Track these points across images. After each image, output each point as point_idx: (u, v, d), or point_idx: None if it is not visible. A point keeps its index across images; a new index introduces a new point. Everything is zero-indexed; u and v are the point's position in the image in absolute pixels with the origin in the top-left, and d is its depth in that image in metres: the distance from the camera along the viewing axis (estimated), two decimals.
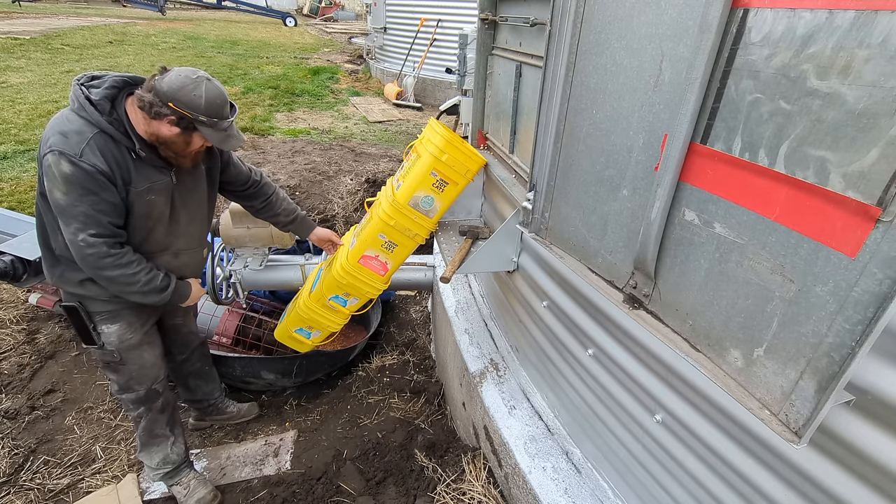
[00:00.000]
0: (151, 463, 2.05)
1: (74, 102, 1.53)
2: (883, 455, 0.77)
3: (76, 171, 1.47)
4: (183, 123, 1.55)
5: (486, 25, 2.15)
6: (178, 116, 1.53)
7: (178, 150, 1.63)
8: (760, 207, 0.83)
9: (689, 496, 1.21)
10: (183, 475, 2.10)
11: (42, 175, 1.52)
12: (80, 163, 1.46)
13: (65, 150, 1.46)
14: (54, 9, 19.09)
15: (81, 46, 11.21)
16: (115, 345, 1.83)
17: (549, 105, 1.38)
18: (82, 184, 1.48)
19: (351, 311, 2.31)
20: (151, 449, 2.03)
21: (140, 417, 1.98)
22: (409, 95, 9.01)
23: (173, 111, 1.51)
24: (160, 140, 1.59)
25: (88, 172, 1.48)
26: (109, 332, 1.82)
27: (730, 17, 0.83)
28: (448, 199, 1.99)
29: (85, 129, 1.50)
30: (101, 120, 1.52)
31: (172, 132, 1.57)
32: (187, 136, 1.60)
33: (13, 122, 5.94)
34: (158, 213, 1.71)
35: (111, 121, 1.54)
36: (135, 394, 1.93)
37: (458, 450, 2.17)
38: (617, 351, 1.37)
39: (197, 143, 1.64)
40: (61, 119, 1.52)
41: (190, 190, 1.81)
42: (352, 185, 4.99)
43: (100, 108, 1.52)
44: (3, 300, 3.15)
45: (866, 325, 0.69)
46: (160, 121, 1.55)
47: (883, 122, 0.64)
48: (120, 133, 1.55)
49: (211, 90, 1.55)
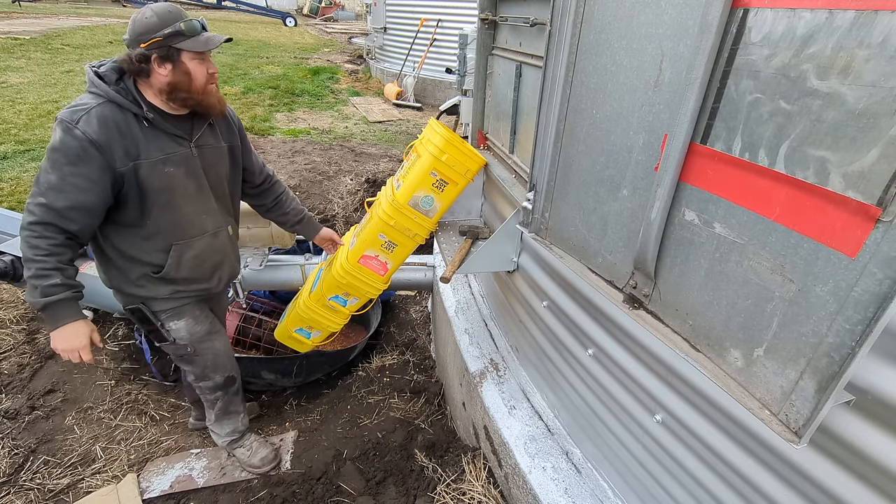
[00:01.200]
0: (221, 432, 2.20)
1: (87, 83, 1.55)
2: (883, 455, 0.77)
3: (65, 138, 1.45)
4: (163, 52, 1.51)
5: (486, 25, 2.15)
6: (154, 50, 1.50)
7: (191, 88, 1.59)
8: (760, 207, 0.83)
9: (689, 496, 1.21)
10: (245, 439, 2.26)
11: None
12: (74, 129, 1.45)
13: (64, 118, 1.46)
14: (54, 9, 19.09)
15: (81, 46, 11.21)
16: (186, 339, 1.88)
17: (549, 105, 1.38)
18: (65, 152, 1.46)
19: (351, 311, 2.31)
20: (223, 422, 2.17)
21: (217, 399, 2.08)
22: (409, 95, 9.01)
23: (148, 48, 1.49)
24: (170, 89, 1.57)
25: (77, 139, 1.46)
26: (178, 327, 1.86)
27: (730, 17, 0.83)
28: (448, 199, 1.99)
29: (91, 100, 1.51)
30: (108, 90, 1.52)
31: (167, 71, 1.54)
32: (180, 65, 1.55)
33: (13, 122, 5.94)
34: (182, 187, 1.68)
35: (118, 89, 1.53)
36: (212, 381, 2.02)
37: (458, 450, 2.17)
38: (617, 351, 1.37)
39: (194, 68, 1.58)
40: (76, 100, 1.54)
41: (212, 165, 1.78)
42: (352, 185, 5.00)
43: (106, 78, 1.54)
44: (3, 300, 3.15)
45: (866, 325, 0.69)
46: (151, 72, 1.53)
47: (883, 122, 0.64)
48: (127, 101, 1.54)
49: (157, 7, 1.52)
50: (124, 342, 2.96)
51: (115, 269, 1.73)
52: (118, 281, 1.75)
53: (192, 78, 1.58)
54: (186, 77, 1.57)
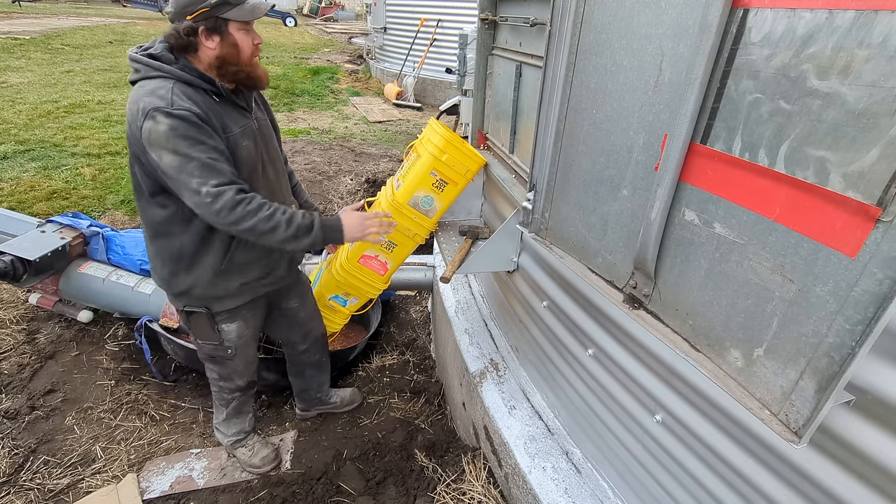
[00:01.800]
0: (228, 432, 2.18)
1: (139, 69, 1.46)
2: (883, 455, 0.77)
3: (175, 121, 1.37)
4: (210, 24, 1.44)
5: (486, 25, 2.15)
6: (201, 22, 1.44)
7: (240, 59, 1.53)
8: (760, 207, 0.83)
9: (689, 496, 1.21)
10: (248, 439, 2.24)
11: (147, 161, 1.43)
12: (175, 111, 1.38)
13: (157, 105, 1.37)
14: (54, 9, 19.09)
15: (81, 46, 11.21)
16: (233, 342, 1.88)
17: (549, 105, 1.38)
18: (186, 133, 1.39)
19: (351, 310, 2.31)
20: (233, 421, 2.16)
21: (233, 400, 2.08)
22: (409, 95, 9.01)
23: (195, 20, 1.43)
24: (220, 63, 1.50)
25: (187, 119, 1.39)
26: (229, 330, 1.85)
27: (730, 17, 0.83)
28: (448, 199, 1.99)
29: (162, 83, 1.43)
30: (173, 69, 1.44)
31: (214, 44, 1.47)
32: (228, 37, 1.49)
33: (13, 122, 5.94)
34: (254, 161, 1.63)
35: (181, 67, 1.46)
36: (234, 384, 2.02)
37: (458, 450, 2.17)
38: (617, 351, 1.37)
39: (241, 39, 1.52)
40: (137, 93, 1.43)
41: (268, 139, 1.74)
42: (352, 185, 5.00)
43: (165, 59, 1.46)
44: (3, 300, 3.15)
45: (866, 325, 0.69)
46: (199, 45, 1.47)
47: (883, 122, 0.64)
48: (196, 77, 1.47)
49: None
50: (124, 342, 2.96)
51: (187, 266, 1.65)
52: (188, 280, 1.67)
53: (240, 49, 1.52)
54: (235, 49, 1.51)
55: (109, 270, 2.80)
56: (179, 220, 1.59)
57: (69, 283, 2.77)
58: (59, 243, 2.69)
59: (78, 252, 2.84)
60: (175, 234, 1.61)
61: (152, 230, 1.64)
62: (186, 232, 1.61)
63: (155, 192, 1.54)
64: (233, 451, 2.25)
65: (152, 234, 1.64)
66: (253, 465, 2.22)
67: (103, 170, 4.91)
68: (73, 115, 6.47)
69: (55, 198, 4.27)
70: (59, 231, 2.79)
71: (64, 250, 2.72)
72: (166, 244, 1.64)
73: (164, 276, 1.71)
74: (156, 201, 1.56)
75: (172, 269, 1.67)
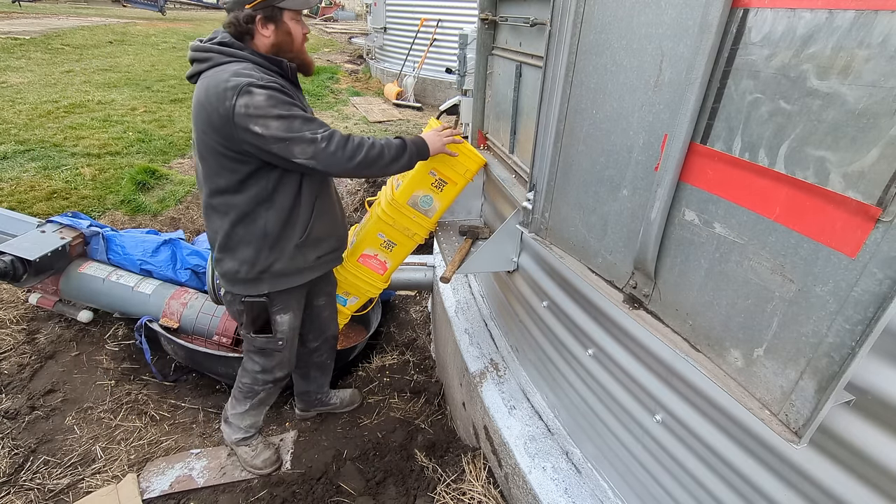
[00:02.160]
0: (241, 424, 2.17)
1: (211, 57, 1.53)
2: (883, 455, 0.77)
3: (268, 91, 1.45)
4: (267, 12, 1.53)
5: (486, 25, 2.15)
6: (259, 10, 1.52)
7: (293, 46, 1.63)
8: (760, 207, 0.83)
9: (689, 496, 1.21)
10: (254, 439, 2.25)
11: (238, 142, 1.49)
12: (265, 83, 1.46)
13: (248, 81, 1.44)
14: (54, 9, 19.09)
15: (81, 46, 11.21)
16: (285, 333, 1.92)
17: (549, 105, 1.38)
18: (281, 98, 1.47)
19: (351, 310, 2.31)
20: (250, 413, 2.16)
21: (261, 391, 2.09)
22: (409, 95, 9.00)
23: (253, 8, 1.51)
24: (275, 50, 1.60)
25: (277, 88, 1.48)
26: (282, 321, 1.89)
27: (730, 17, 0.83)
28: (447, 199, 1.99)
29: (240, 65, 1.51)
30: (245, 54, 1.54)
31: (269, 32, 1.56)
32: (282, 25, 1.58)
33: (13, 122, 5.94)
34: None
35: (251, 51, 1.55)
36: (273, 376, 2.04)
37: (458, 450, 2.17)
38: (617, 351, 1.37)
39: (293, 27, 1.62)
40: (216, 77, 1.48)
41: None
42: (352, 185, 5.00)
43: (235, 45, 1.55)
44: (3, 300, 3.15)
45: (866, 325, 0.69)
46: (255, 33, 1.55)
47: (883, 122, 0.64)
48: (265, 60, 1.57)
49: None
50: (124, 342, 2.96)
51: (271, 243, 1.71)
52: (271, 257, 1.73)
53: (293, 37, 1.61)
54: (289, 37, 1.60)
55: (109, 270, 2.80)
56: (264, 200, 1.65)
57: (69, 283, 2.77)
58: (59, 243, 2.69)
59: (78, 252, 2.84)
60: (260, 214, 1.67)
61: (235, 216, 1.67)
62: (272, 209, 1.67)
63: (244, 178, 1.60)
64: (236, 448, 2.25)
65: (235, 220, 1.68)
66: (254, 466, 2.21)
67: (103, 170, 4.91)
68: (73, 115, 6.47)
69: (55, 198, 4.27)
70: (59, 231, 2.79)
71: (64, 250, 2.72)
72: (251, 227, 1.69)
73: (248, 259, 1.73)
74: (242, 186, 1.62)
75: (258, 248, 1.72)
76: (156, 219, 4.31)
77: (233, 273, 1.76)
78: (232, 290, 1.82)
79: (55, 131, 5.81)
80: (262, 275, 1.78)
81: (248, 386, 2.10)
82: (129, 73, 9.18)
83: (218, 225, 1.70)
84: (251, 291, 1.80)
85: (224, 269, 1.77)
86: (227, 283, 1.81)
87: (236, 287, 1.80)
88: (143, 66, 9.82)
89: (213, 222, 1.71)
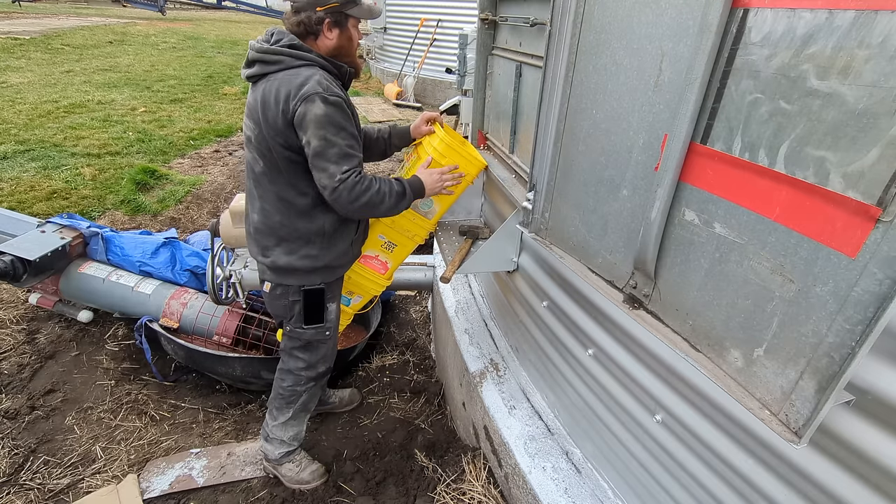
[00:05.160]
0: (284, 436, 2.08)
1: (281, 60, 1.55)
2: (883, 455, 0.77)
3: (329, 108, 1.50)
4: (336, 17, 1.58)
5: (486, 25, 2.15)
6: (329, 15, 1.56)
7: (350, 51, 1.68)
8: (760, 207, 0.83)
9: (689, 496, 1.21)
10: (297, 454, 2.17)
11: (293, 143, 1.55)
12: (331, 98, 1.50)
13: (317, 91, 1.49)
14: (54, 9, 19.09)
15: (81, 46, 11.21)
16: (332, 322, 1.94)
17: (549, 105, 1.38)
18: (335, 120, 1.51)
19: (354, 309, 2.30)
20: (293, 423, 2.09)
21: (303, 392, 2.05)
22: (409, 95, 9.01)
23: (325, 12, 1.55)
24: (336, 54, 1.64)
25: (339, 105, 1.52)
26: (332, 309, 1.91)
27: (730, 18, 0.83)
28: (447, 201, 1.99)
29: (311, 71, 1.55)
30: (314, 58, 1.57)
31: (333, 35, 1.61)
32: (345, 31, 1.63)
33: (13, 122, 5.94)
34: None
35: (316, 55, 1.58)
36: (316, 371, 2.03)
37: (458, 450, 2.17)
38: (617, 351, 1.37)
39: (354, 33, 1.67)
40: (286, 81, 1.52)
41: None
42: None
43: (304, 48, 1.58)
44: (3, 300, 3.15)
45: (866, 325, 0.69)
46: (320, 34, 1.59)
47: (883, 122, 0.64)
48: (331, 65, 1.61)
49: None
50: (124, 342, 2.96)
51: (329, 240, 1.76)
52: (330, 254, 1.78)
53: (352, 43, 1.67)
54: (349, 42, 1.66)
55: (109, 270, 2.80)
56: (322, 204, 1.69)
57: (69, 283, 2.77)
58: (59, 243, 2.69)
59: (78, 252, 2.84)
60: (317, 216, 1.72)
61: (295, 213, 1.71)
62: (329, 213, 1.72)
63: (297, 181, 1.64)
64: (278, 468, 2.13)
65: (295, 215, 1.71)
66: (301, 481, 2.11)
67: (103, 170, 4.91)
68: (73, 115, 6.48)
69: (55, 198, 4.27)
70: (59, 231, 2.79)
71: (64, 250, 2.72)
72: (309, 226, 1.73)
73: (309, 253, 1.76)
74: (298, 189, 1.66)
75: (318, 244, 1.77)
76: (156, 219, 4.31)
77: (288, 266, 1.77)
78: (285, 281, 1.82)
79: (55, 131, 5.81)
80: (320, 268, 1.81)
81: (290, 389, 2.03)
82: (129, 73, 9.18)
83: (277, 221, 1.72)
84: (308, 282, 1.82)
85: (279, 263, 1.77)
86: (280, 276, 1.80)
87: (291, 278, 1.81)
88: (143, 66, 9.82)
89: (271, 217, 1.72)
